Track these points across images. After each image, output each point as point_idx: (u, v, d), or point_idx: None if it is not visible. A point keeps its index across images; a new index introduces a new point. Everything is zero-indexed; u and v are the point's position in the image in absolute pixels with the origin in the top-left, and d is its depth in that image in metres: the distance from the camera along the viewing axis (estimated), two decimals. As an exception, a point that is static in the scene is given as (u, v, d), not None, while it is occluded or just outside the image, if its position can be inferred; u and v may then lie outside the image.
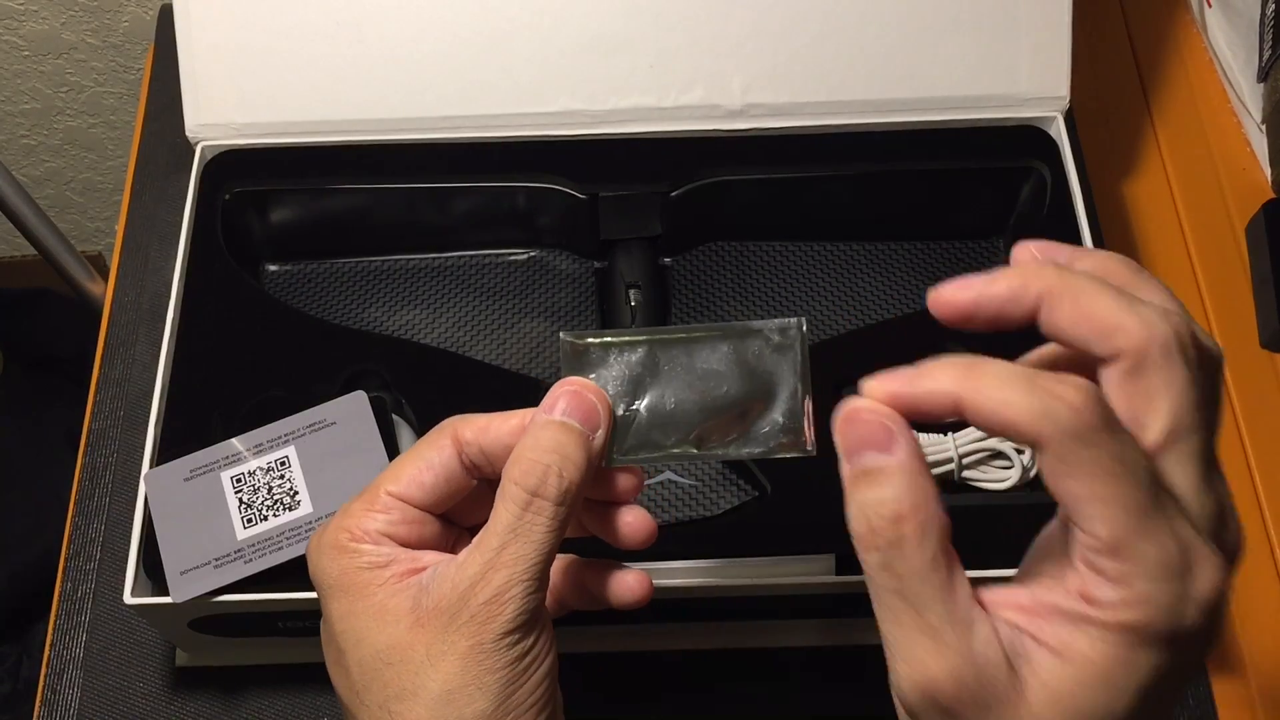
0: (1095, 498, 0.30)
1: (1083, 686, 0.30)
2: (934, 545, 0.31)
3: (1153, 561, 0.29)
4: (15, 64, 0.99)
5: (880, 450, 0.32)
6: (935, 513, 0.31)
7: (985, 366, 0.31)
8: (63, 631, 0.60)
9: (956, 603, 0.31)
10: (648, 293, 0.61)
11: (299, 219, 0.63)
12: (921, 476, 0.31)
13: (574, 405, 0.38)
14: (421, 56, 0.61)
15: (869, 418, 0.33)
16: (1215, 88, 0.75)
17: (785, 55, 0.61)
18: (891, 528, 0.31)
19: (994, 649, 0.31)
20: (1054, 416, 0.30)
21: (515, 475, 0.36)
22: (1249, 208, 0.69)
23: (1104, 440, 0.30)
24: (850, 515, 0.32)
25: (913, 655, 0.32)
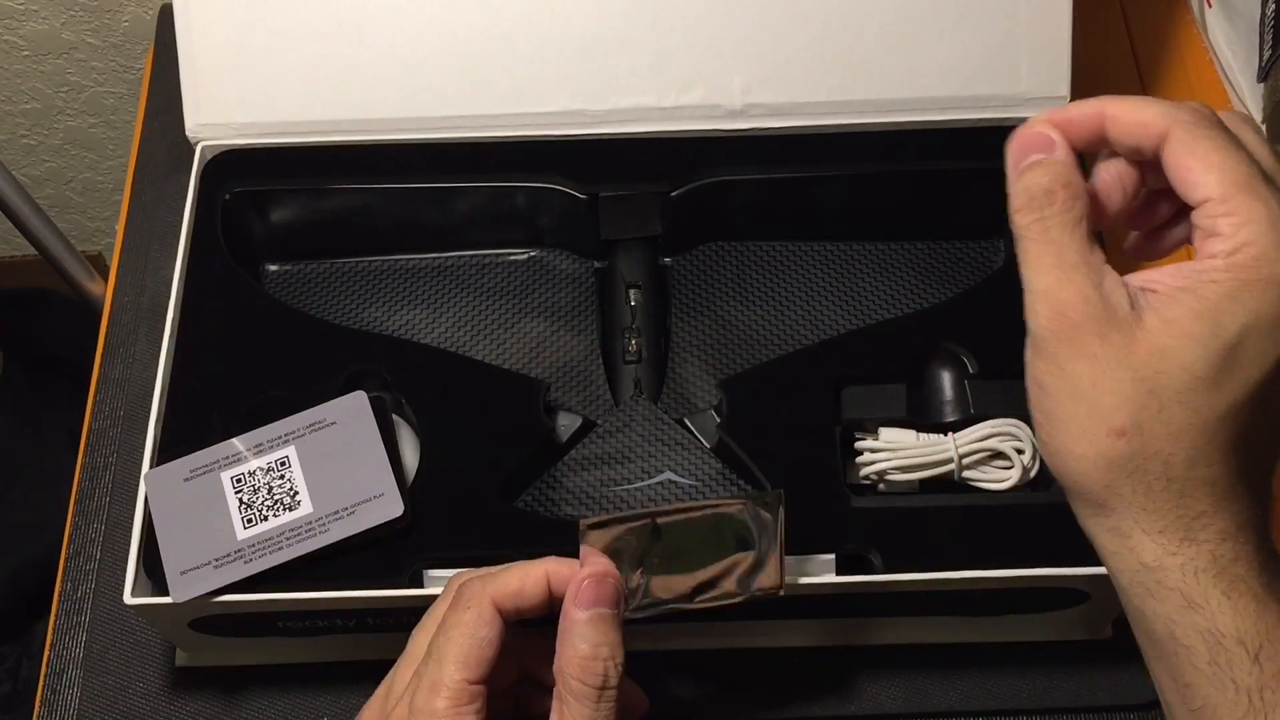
0: (1211, 167, 0.36)
1: (1193, 316, 0.36)
2: (1080, 211, 0.38)
3: (1257, 213, 0.35)
4: (15, 64, 0.99)
5: (1043, 151, 0.39)
6: (1084, 193, 0.38)
7: (1121, 96, 0.39)
8: (63, 631, 0.60)
9: (1092, 254, 0.37)
10: (648, 293, 0.61)
11: (299, 219, 0.63)
12: (1075, 170, 0.38)
13: (601, 594, 0.42)
14: (421, 56, 0.61)
15: (1034, 130, 0.40)
16: (1215, 88, 0.75)
17: (785, 55, 0.61)
18: (1047, 195, 0.38)
19: (1120, 291, 0.37)
20: (1178, 114, 0.37)
21: (578, 675, 0.41)
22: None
23: (1218, 128, 0.37)
24: (1012, 197, 0.39)
25: (1049, 283, 0.37)
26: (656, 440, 0.57)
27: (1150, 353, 0.36)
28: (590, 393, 0.59)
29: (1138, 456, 0.36)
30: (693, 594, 0.45)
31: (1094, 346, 0.36)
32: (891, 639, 0.57)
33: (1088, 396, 0.37)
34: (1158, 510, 0.37)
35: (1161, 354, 0.36)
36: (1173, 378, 0.36)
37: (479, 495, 0.53)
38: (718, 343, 0.60)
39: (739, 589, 0.45)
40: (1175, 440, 0.36)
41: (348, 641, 0.54)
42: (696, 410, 0.58)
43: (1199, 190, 0.36)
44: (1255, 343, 0.35)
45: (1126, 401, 0.36)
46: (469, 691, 0.41)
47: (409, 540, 0.52)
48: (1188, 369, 0.35)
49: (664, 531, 0.44)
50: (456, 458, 0.54)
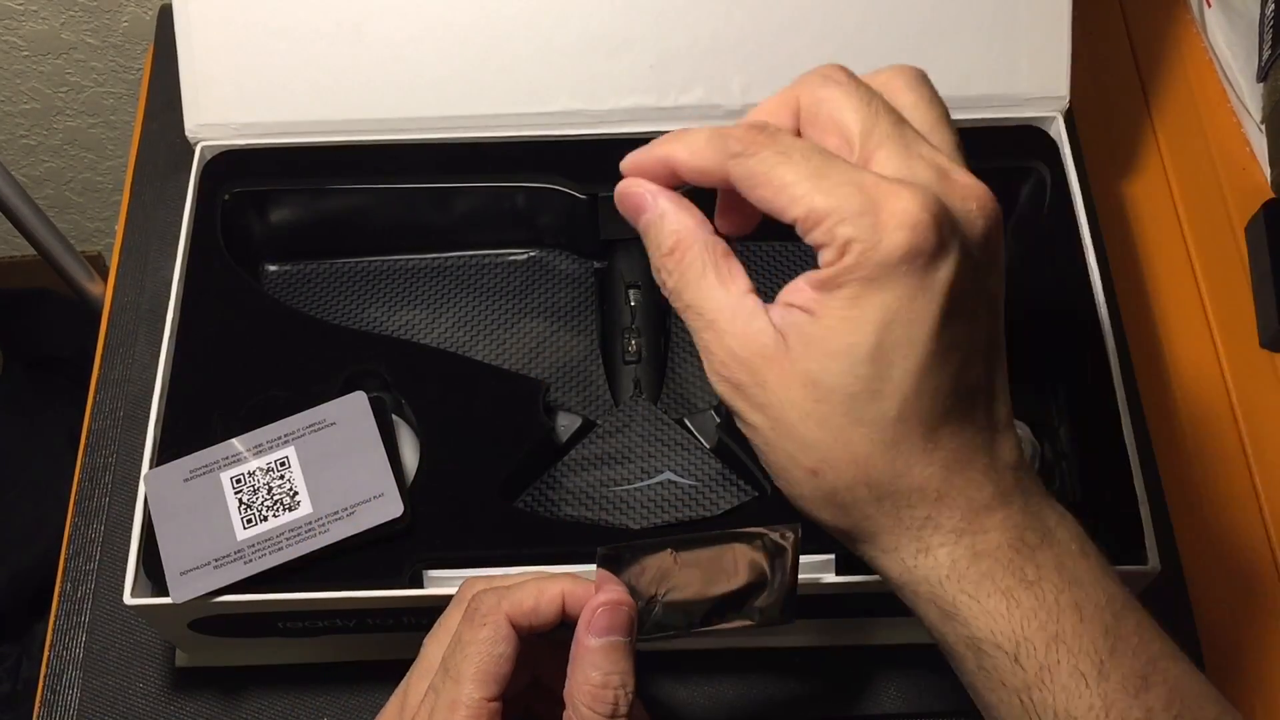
0: (779, 188, 0.35)
1: (825, 331, 0.35)
2: (696, 255, 0.38)
3: (838, 209, 0.34)
4: (15, 64, 0.99)
5: (644, 210, 0.40)
6: (702, 235, 0.38)
7: (683, 131, 0.39)
8: (63, 631, 0.60)
9: (730, 295, 0.37)
10: (648, 293, 0.61)
11: (299, 219, 0.63)
12: (684, 213, 0.39)
13: (615, 622, 0.42)
14: (421, 56, 0.61)
15: (628, 191, 0.40)
16: (1215, 88, 0.75)
17: (785, 55, 0.61)
18: (671, 256, 0.39)
19: (763, 325, 0.37)
20: (726, 149, 0.37)
21: (588, 703, 0.41)
22: (1249, 208, 0.69)
23: (763, 145, 0.36)
24: (652, 267, 0.40)
25: (706, 345, 0.38)
26: (656, 440, 0.57)
27: (804, 384, 0.35)
28: (590, 393, 0.59)
29: (840, 488, 0.36)
30: (704, 621, 0.45)
31: (759, 394, 0.36)
32: (891, 639, 0.57)
33: (775, 442, 0.37)
34: (884, 529, 0.37)
35: (814, 383, 0.35)
36: (833, 403, 0.35)
37: (479, 495, 0.53)
38: (718, 343, 0.60)
39: (750, 618, 0.45)
40: (865, 462, 0.36)
41: (348, 641, 0.54)
42: (696, 410, 0.58)
43: (784, 215, 0.36)
44: (898, 332, 0.35)
45: (806, 441, 0.36)
46: (487, 709, 0.41)
47: (409, 540, 0.52)
48: (842, 389, 0.35)
49: (680, 560, 0.44)
50: (456, 458, 0.54)
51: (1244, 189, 0.71)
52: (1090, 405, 0.54)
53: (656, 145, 0.40)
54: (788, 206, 0.35)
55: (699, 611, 0.45)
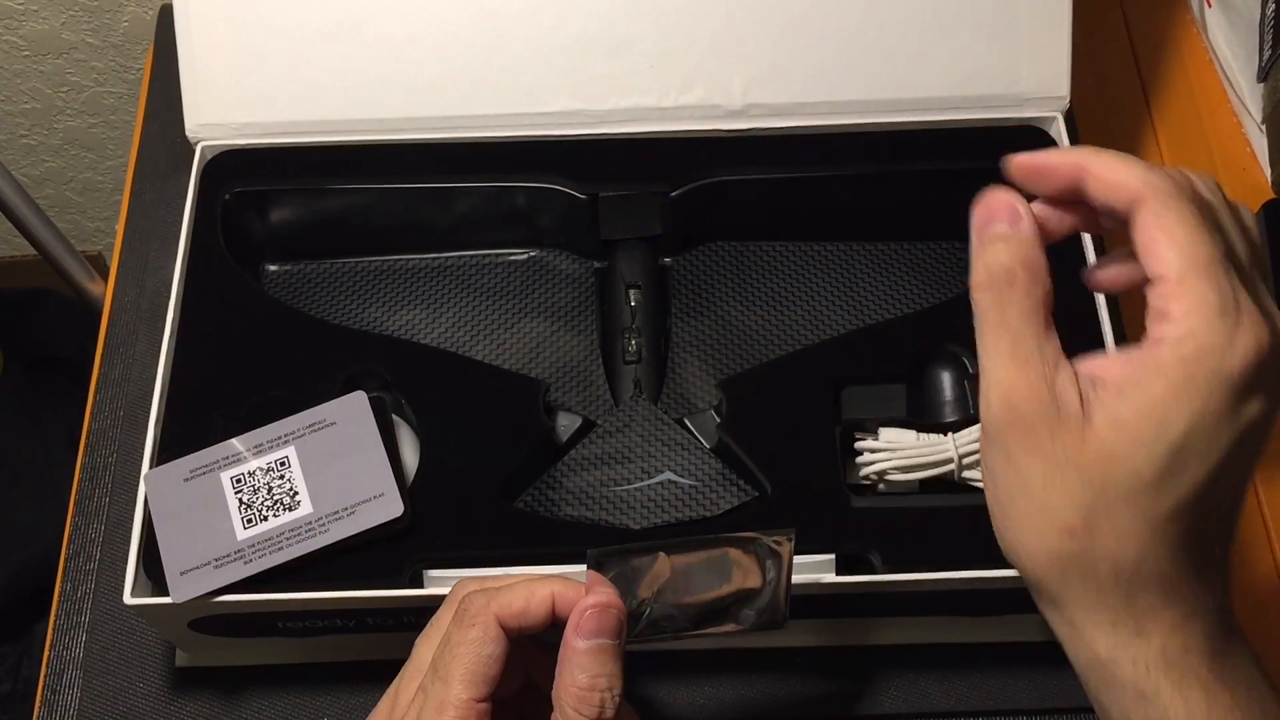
0: (1173, 241, 0.35)
1: (1137, 415, 0.35)
2: (1039, 296, 0.38)
3: (1212, 301, 0.35)
4: (15, 64, 0.99)
5: (1007, 221, 0.39)
6: (1044, 275, 0.38)
7: (1109, 151, 0.39)
8: (63, 631, 0.60)
9: (1047, 343, 0.37)
10: (648, 293, 0.61)
11: (299, 219, 0.63)
12: (1038, 249, 0.38)
13: (604, 624, 0.42)
14: (421, 56, 0.61)
15: (1000, 199, 0.39)
16: (1215, 88, 0.75)
17: (785, 55, 0.61)
18: (1007, 275, 0.38)
19: (1071, 385, 0.37)
20: (1156, 181, 0.37)
21: (574, 704, 0.41)
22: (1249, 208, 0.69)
23: (1192, 203, 0.36)
24: (973, 272, 0.39)
25: (1004, 375, 0.37)
26: (656, 440, 0.57)
27: (1099, 456, 0.36)
28: (590, 393, 0.59)
29: (1086, 555, 0.37)
30: (696, 624, 0.45)
31: (1045, 445, 0.37)
32: (891, 639, 0.57)
33: (1038, 494, 0.37)
34: (1107, 605, 0.37)
35: (1110, 458, 0.36)
36: (1121, 481, 0.36)
37: (479, 495, 0.53)
38: (718, 343, 0.60)
39: (743, 622, 0.45)
40: (1123, 540, 0.36)
41: (348, 641, 0.54)
42: (696, 410, 0.58)
43: (1157, 265, 0.36)
44: (1199, 441, 0.35)
45: (1075, 502, 0.36)
46: (475, 710, 0.41)
47: (409, 540, 0.52)
48: (1135, 473, 0.36)
49: (672, 563, 0.44)
50: (456, 458, 0.54)
51: (1244, 189, 0.71)
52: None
53: (1068, 152, 0.40)
54: (1166, 259, 0.36)
55: (692, 614, 0.45)
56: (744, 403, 0.56)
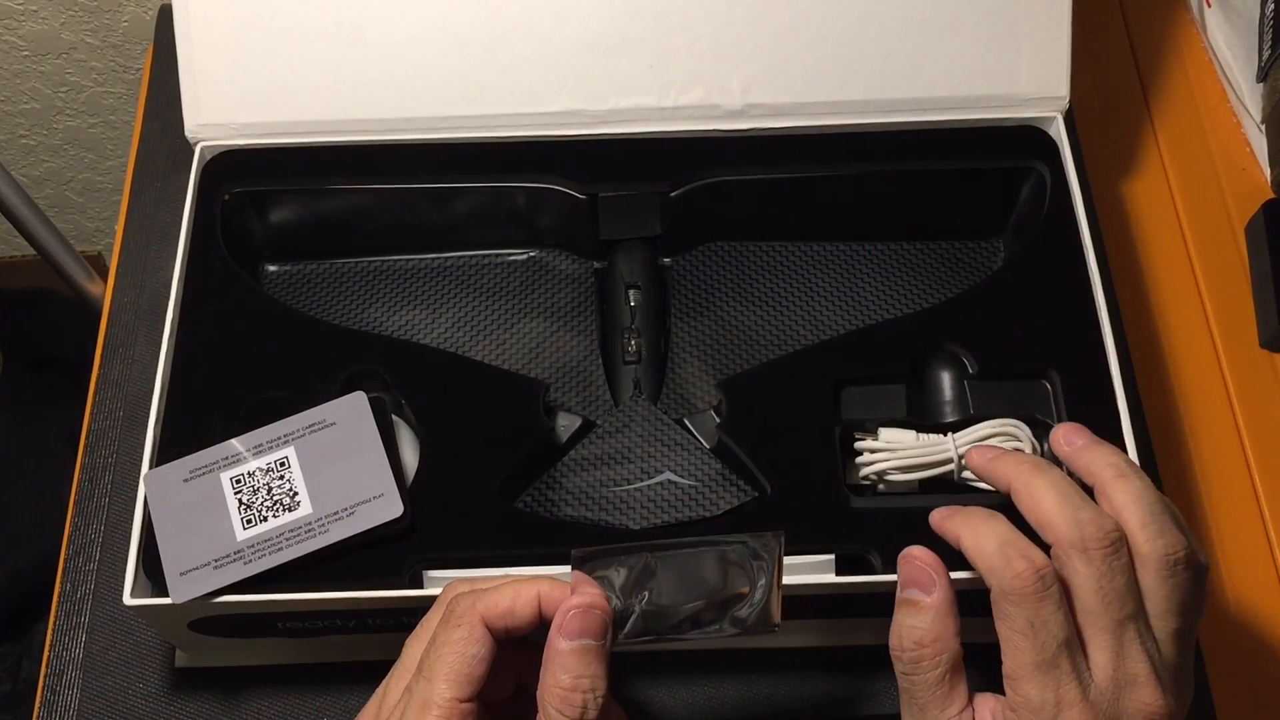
0: (1008, 640, 0.42)
1: None
2: (943, 669, 0.43)
3: (1033, 702, 0.41)
4: (15, 64, 0.99)
5: (922, 590, 0.44)
6: (950, 644, 0.43)
7: (984, 523, 0.44)
8: (62, 631, 0.60)
9: (948, 713, 0.43)
10: (648, 293, 0.61)
11: (299, 219, 0.63)
12: (948, 615, 0.44)
13: (587, 625, 0.42)
14: (421, 56, 0.61)
15: (919, 563, 0.45)
16: (1215, 88, 0.75)
17: (785, 55, 0.61)
18: (914, 649, 0.44)
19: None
20: (1001, 574, 0.42)
21: (556, 705, 0.41)
22: (1249, 208, 0.69)
23: (1026, 604, 0.41)
24: (892, 630, 0.45)
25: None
26: (656, 441, 0.57)
27: None
28: (590, 393, 0.59)
29: None
30: (684, 627, 0.45)
31: None
32: (891, 639, 0.57)
33: None
34: None
35: None
36: None
37: (479, 495, 0.53)
38: (717, 343, 0.60)
39: (733, 625, 0.45)
40: None
41: (348, 641, 0.54)
42: (696, 410, 0.58)
43: (1003, 653, 0.43)
44: None
45: None
46: (459, 710, 0.42)
47: (409, 540, 0.52)
48: None
49: (659, 564, 0.44)
50: (456, 458, 0.54)
51: (1244, 189, 0.71)
52: (1090, 405, 0.54)
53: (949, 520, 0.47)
54: (1003, 655, 0.43)
55: (679, 616, 0.44)
56: (744, 403, 0.56)
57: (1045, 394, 0.55)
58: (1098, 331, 0.56)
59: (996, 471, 0.48)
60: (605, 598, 0.43)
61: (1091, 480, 0.46)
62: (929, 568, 0.44)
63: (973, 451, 0.50)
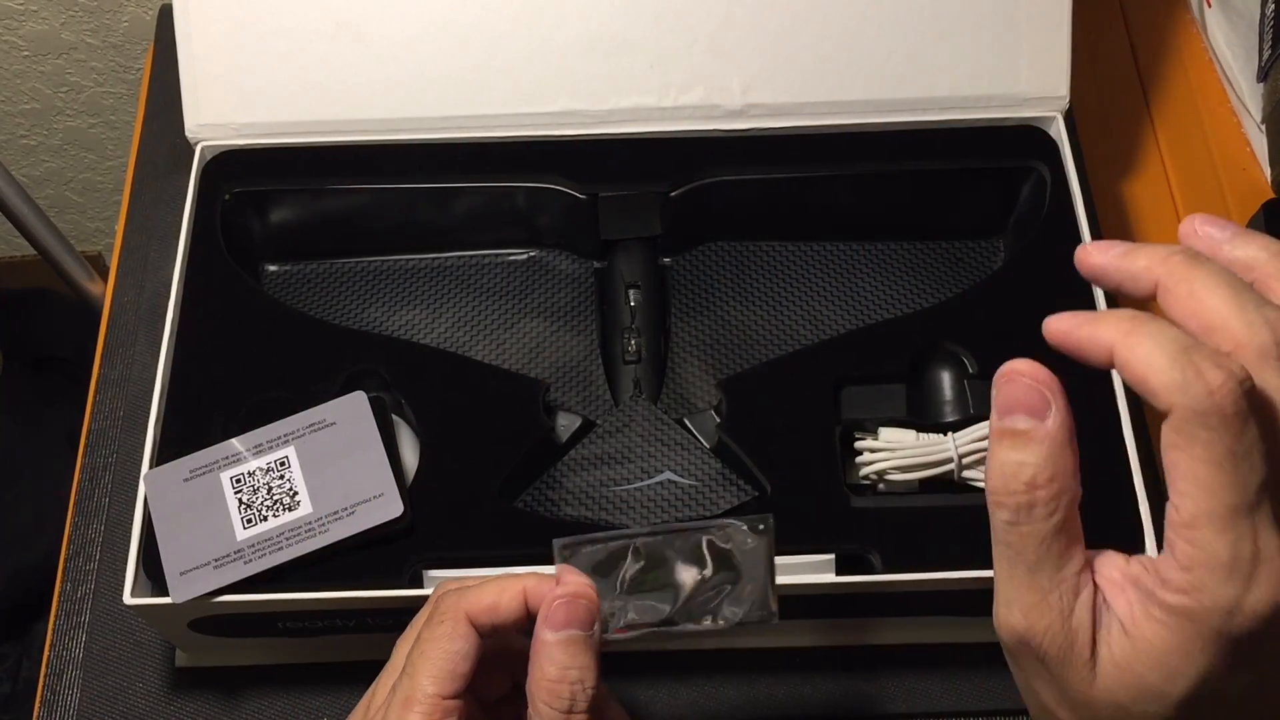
0: (1194, 477, 0.31)
1: (1142, 664, 0.32)
2: (1061, 516, 0.33)
3: (1221, 556, 0.31)
4: (15, 64, 0.99)
5: (1032, 415, 0.34)
6: (1070, 485, 0.33)
7: (1147, 327, 0.32)
8: (62, 631, 0.60)
9: (1067, 571, 0.34)
10: (648, 293, 0.61)
11: (299, 219, 0.63)
12: (1066, 449, 0.33)
13: (573, 615, 0.41)
14: (421, 56, 0.61)
15: (1029, 381, 0.34)
16: (1215, 88, 0.75)
17: (785, 55, 0.61)
18: (1025, 492, 0.33)
19: (1086, 618, 0.33)
20: (1188, 391, 0.30)
21: (545, 698, 0.40)
22: (1249, 208, 0.69)
23: (1226, 429, 0.30)
24: (989, 470, 0.34)
25: (1016, 606, 0.34)
26: (656, 440, 0.57)
27: (1107, 701, 0.34)
28: (590, 393, 0.59)
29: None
30: (675, 619, 0.44)
31: (1056, 676, 0.34)
32: (891, 639, 0.57)
33: (1050, 709, 0.36)
34: None
35: (1117, 706, 0.34)
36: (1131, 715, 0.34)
37: (479, 495, 0.53)
38: (717, 343, 0.60)
39: (727, 617, 0.44)
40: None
41: (348, 641, 0.54)
42: (696, 410, 0.58)
43: (1172, 495, 0.32)
44: (1209, 694, 0.32)
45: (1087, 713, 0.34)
46: (442, 706, 0.41)
47: (409, 540, 0.52)
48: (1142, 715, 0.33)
49: (645, 553, 0.43)
50: (456, 458, 0.54)
51: (1244, 189, 0.71)
52: (1090, 405, 0.54)
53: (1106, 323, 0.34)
54: (1175, 494, 0.31)
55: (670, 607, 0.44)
56: (744, 403, 0.56)
57: (1045, 394, 0.55)
58: (1098, 331, 0.56)
59: (1129, 269, 0.35)
60: (591, 588, 0.42)
61: (1250, 275, 0.35)
62: (1042, 385, 0.34)
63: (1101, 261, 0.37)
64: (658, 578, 0.43)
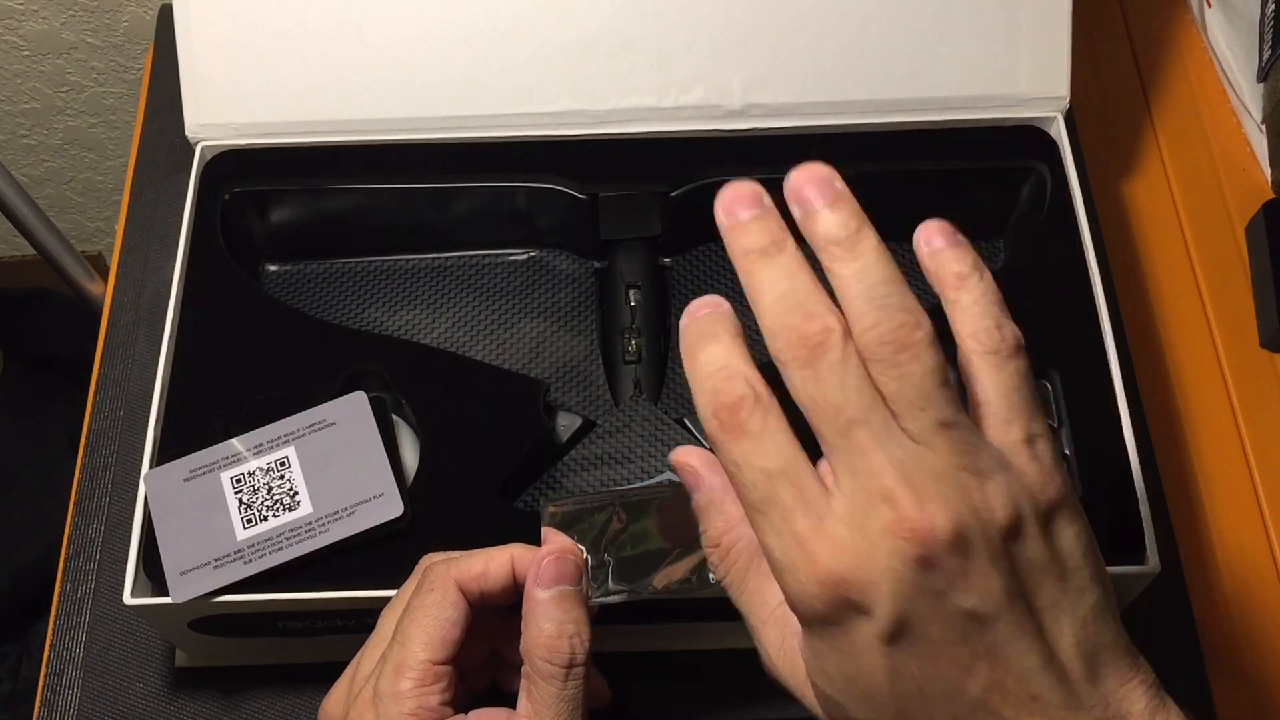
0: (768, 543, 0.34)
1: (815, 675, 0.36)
2: (752, 556, 0.38)
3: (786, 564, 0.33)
4: (15, 64, 0.99)
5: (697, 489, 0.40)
6: (748, 531, 0.37)
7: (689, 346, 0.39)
8: (63, 631, 0.60)
9: (769, 604, 0.38)
10: (648, 293, 0.61)
11: (299, 219, 0.63)
12: (732, 502, 0.38)
13: (563, 571, 0.42)
14: (421, 56, 0.61)
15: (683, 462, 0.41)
16: (1215, 88, 0.75)
17: (785, 55, 0.61)
18: (717, 549, 0.39)
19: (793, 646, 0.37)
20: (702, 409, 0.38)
21: (544, 655, 0.41)
22: (1249, 208, 0.69)
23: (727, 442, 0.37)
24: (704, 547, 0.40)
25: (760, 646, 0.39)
26: (656, 440, 0.57)
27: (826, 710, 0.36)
28: (590, 393, 0.59)
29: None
30: (661, 581, 0.44)
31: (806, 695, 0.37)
32: (891, 639, 0.57)
33: None
34: None
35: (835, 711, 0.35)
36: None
37: (479, 495, 0.53)
38: (718, 343, 0.60)
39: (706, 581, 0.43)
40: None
41: (348, 641, 0.54)
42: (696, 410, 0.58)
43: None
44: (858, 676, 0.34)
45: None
46: (433, 672, 0.42)
47: (409, 540, 0.52)
48: None
49: (629, 515, 0.43)
50: (456, 458, 0.54)
51: (1244, 189, 0.71)
52: (1090, 405, 0.54)
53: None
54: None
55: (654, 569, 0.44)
56: (744, 403, 0.56)
57: (1045, 394, 0.55)
58: (1098, 331, 0.56)
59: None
60: (577, 548, 0.43)
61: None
62: (689, 463, 0.40)
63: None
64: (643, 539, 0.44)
